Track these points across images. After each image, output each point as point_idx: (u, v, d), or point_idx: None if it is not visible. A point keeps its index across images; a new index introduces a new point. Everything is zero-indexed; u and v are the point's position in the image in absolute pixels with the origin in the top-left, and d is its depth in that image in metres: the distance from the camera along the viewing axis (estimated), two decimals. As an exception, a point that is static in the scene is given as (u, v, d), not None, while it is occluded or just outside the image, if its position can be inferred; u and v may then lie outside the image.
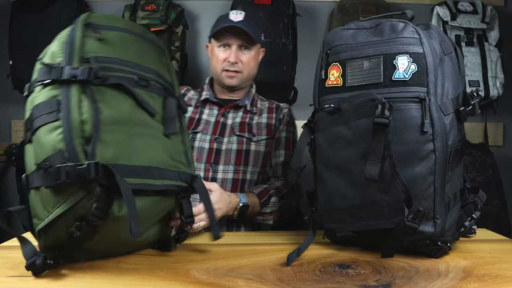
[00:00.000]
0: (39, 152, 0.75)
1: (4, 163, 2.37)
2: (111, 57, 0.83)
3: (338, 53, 0.94)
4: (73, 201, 0.73)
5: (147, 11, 2.11)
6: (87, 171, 0.71)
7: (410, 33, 0.87)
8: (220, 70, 1.43)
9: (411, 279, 0.78)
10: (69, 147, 0.73)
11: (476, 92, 0.91)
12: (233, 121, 1.43)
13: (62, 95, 0.76)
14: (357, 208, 0.90)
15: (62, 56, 0.79)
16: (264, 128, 1.44)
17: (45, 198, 0.75)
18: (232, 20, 1.39)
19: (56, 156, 0.73)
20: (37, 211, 0.76)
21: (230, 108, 1.46)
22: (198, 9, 2.43)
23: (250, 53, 1.43)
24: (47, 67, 0.78)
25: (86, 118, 0.75)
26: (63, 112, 0.74)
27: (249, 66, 1.44)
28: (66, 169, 0.71)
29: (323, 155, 0.97)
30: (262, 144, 1.42)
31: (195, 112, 1.45)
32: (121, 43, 0.87)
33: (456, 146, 0.87)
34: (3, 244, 0.97)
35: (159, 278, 0.77)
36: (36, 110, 0.77)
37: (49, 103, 0.76)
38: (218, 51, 1.43)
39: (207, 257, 0.90)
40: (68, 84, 0.76)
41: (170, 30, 2.13)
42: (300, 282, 0.76)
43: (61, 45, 0.80)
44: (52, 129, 0.74)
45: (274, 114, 1.48)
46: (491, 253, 0.95)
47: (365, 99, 0.87)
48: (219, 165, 1.36)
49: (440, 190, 0.85)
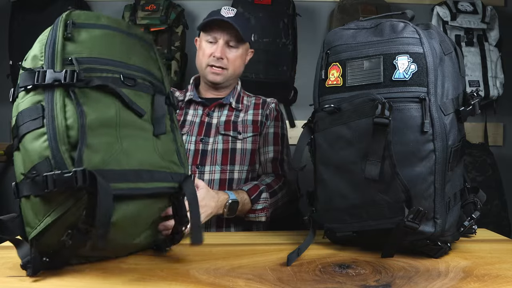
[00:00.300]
0: (26, 160, 0.74)
1: (4, 163, 2.38)
2: (94, 57, 0.81)
3: (338, 53, 0.94)
4: (63, 209, 0.72)
5: (147, 11, 2.11)
6: (74, 179, 0.69)
7: (410, 33, 0.87)
8: (205, 64, 1.41)
9: (411, 279, 0.78)
10: (55, 154, 0.71)
11: (476, 92, 0.91)
12: (218, 120, 1.41)
13: (45, 100, 0.74)
14: (357, 208, 0.90)
15: (44, 60, 0.77)
16: (250, 125, 1.42)
17: (36, 207, 0.74)
18: (223, 15, 1.37)
19: (42, 164, 0.72)
20: (29, 219, 0.75)
21: (214, 107, 1.43)
22: (198, 9, 2.43)
23: (237, 51, 1.41)
24: (29, 72, 0.76)
25: (71, 123, 0.73)
26: (47, 118, 0.73)
27: (235, 64, 1.42)
28: (53, 177, 0.70)
29: (323, 155, 0.97)
30: (249, 142, 1.39)
31: (180, 114, 1.42)
32: (105, 42, 0.84)
33: (456, 146, 0.87)
34: (3, 244, 0.96)
35: (159, 278, 0.77)
36: (21, 117, 0.75)
37: (33, 109, 0.75)
38: (205, 45, 1.41)
39: (207, 257, 0.90)
40: (51, 88, 0.75)
41: (170, 30, 2.13)
42: (300, 282, 0.76)
43: (42, 47, 0.78)
44: (37, 136, 0.73)
45: (260, 110, 1.46)
46: (491, 253, 0.95)
47: (365, 99, 0.87)
48: (205, 166, 1.33)
49: (440, 190, 0.85)
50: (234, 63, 1.41)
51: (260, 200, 1.27)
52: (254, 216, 1.27)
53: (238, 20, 1.38)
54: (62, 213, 0.72)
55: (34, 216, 0.74)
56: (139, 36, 0.92)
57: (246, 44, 1.44)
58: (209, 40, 1.40)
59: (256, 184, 1.29)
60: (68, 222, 0.73)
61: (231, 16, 1.37)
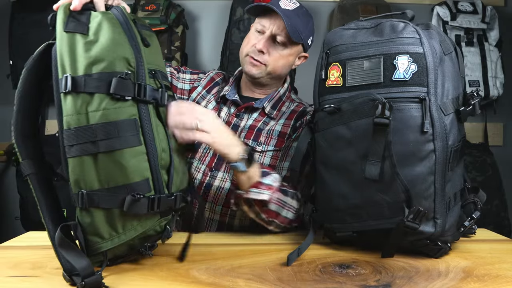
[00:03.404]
0: (114, 174, 0.72)
1: (4, 163, 2.38)
2: (156, 69, 0.80)
3: (338, 53, 0.94)
4: (149, 224, 0.76)
5: (147, 11, 2.12)
6: (174, 202, 0.78)
7: (410, 33, 0.87)
8: (245, 53, 1.24)
9: (411, 279, 0.78)
10: (158, 178, 0.75)
11: (476, 92, 0.91)
12: (245, 123, 1.25)
13: (143, 117, 0.74)
14: (357, 208, 0.90)
15: (135, 68, 0.74)
16: (276, 137, 1.22)
17: (114, 218, 0.74)
18: (280, 5, 1.19)
19: (143, 185, 0.74)
20: (100, 230, 0.74)
21: (244, 108, 1.27)
22: (198, 9, 2.43)
23: (283, 50, 1.22)
24: (126, 81, 0.72)
25: (165, 146, 0.77)
26: (147, 137, 0.74)
27: (277, 63, 1.23)
28: (159, 200, 0.75)
29: (323, 155, 0.97)
30: (268, 156, 1.20)
31: (216, 108, 1.29)
32: (155, 47, 0.83)
33: (456, 146, 0.87)
34: (3, 244, 0.96)
35: (159, 278, 0.77)
36: (118, 127, 0.72)
37: (130, 123, 0.73)
38: (253, 34, 1.25)
39: (207, 257, 0.90)
40: (145, 104, 0.74)
41: (170, 30, 2.14)
42: (300, 282, 0.76)
43: (131, 51, 0.74)
44: (137, 154, 0.73)
45: (292, 120, 1.24)
46: (491, 253, 0.95)
47: (365, 99, 0.87)
48: (219, 172, 1.20)
49: (440, 190, 0.85)
50: (276, 62, 1.23)
51: (269, 177, 1.02)
52: (257, 191, 0.99)
53: (295, 16, 1.19)
54: (147, 228, 0.76)
55: (109, 227, 0.74)
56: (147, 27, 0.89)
57: (298, 46, 1.24)
58: (257, 28, 1.23)
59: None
60: (145, 235, 0.78)
61: (288, 9, 1.18)
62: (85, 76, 0.70)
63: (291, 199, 1.07)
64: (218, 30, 2.41)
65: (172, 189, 0.78)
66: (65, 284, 0.73)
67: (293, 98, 1.33)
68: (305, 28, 1.22)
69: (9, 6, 2.17)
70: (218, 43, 2.32)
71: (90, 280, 0.69)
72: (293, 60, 1.27)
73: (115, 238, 0.74)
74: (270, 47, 1.21)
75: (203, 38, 2.46)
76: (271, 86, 1.30)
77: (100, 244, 0.74)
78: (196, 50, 2.46)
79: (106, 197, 0.72)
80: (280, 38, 1.20)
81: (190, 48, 2.37)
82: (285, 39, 1.20)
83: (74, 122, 0.70)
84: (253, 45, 1.22)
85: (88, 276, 0.69)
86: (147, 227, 0.76)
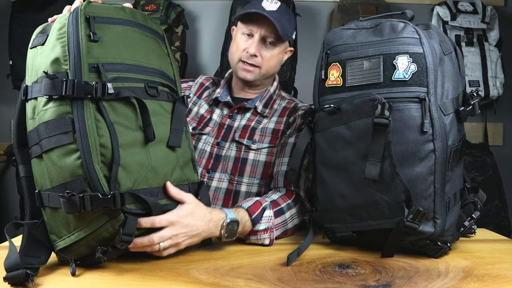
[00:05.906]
0: (54, 174, 0.73)
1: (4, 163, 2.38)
2: (119, 63, 0.78)
3: (338, 53, 0.94)
4: (96, 225, 0.73)
5: (147, 11, 2.12)
6: (113, 201, 0.71)
7: (410, 33, 0.87)
8: (237, 59, 1.26)
9: (411, 279, 0.78)
10: (91, 175, 0.71)
11: (476, 92, 0.91)
12: (239, 124, 1.27)
13: (75, 114, 0.72)
14: (357, 208, 0.90)
15: (69, 65, 0.73)
16: (269, 134, 1.25)
17: (65, 220, 0.74)
18: (264, 7, 1.21)
19: (76, 183, 0.71)
20: (56, 229, 0.76)
21: (237, 109, 1.30)
22: (198, 9, 2.43)
23: (274, 50, 1.25)
24: (54, 80, 0.72)
25: (105, 142, 0.72)
26: (80, 134, 0.71)
27: (269, 63, 1.27)
28: (91, 198, 0.70)
29: (323, 155, 0.97)
30: (263, 153, 1.23)
31: (208, 111, 1.31)
32: (127, 42, 0.80)
33: (456, 146, 0.87)
34: (3, 244, 0.96)
35: (159, 278, 0.77)
36: (47, 127, 0.73)
37: (61, 122, 0.72)
38: (240, 38, 1.26)
39: (207, 257, 0.90)
40: (81, 100, 0.72)
41: (170, 30, 2.14)
42: (300, 282, 0.76)
43: (65, 50, 0.74)
44: (69, 152, 0.72)
45: (285, 117, 1.28)
46: (491, 253, 0.95)
47: (365, 99, 0.87)
48: (216, 173, 1.23)
49: (440, 190, 0.85)
50: (269, 62, 1.26)
51: (263, 220, 1.02)
52: (255, 238, 1.01)
53: (280, 15, 1.22)
54: (96, 229, 0.73)
55: (63, 227, 0.75)
56: (154, 30, 0.90)
57: (285, 43, 1.28)
58: (245, 32, 1.25)
59: (258, 200, 1.05)
60: (100, 237, 0.74)
61: (272, 10, 1.21)
62: (33, 83, 0.77)
63: (289, 211, 1.09)
64: (218, 30, 2.41)
65: (121, 187, 0.73)
66: (65, 285, 0.74)
67: (283, 96, 1.37)
68: (289, 25, 1.27)
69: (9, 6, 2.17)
70: (218, 43, 2.32)
71: (11, 275, 0.70)
72: (282, 56, 1.32)
73: (67, 238, 0.75)
74: (261, 49, 1.25)
75: (203, 38, 2.46)
76: (264, 86, 1.34)
77: (57, 243, 0.76)
78: (196, 50, 2.46)
79: (52, 196, 0.74)
80: (269, 39, 1.24)
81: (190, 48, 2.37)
82: (274, 40, 1.24)
83: (29, 126, 0.77)
84: (244, 50, 1.24)
85: (11, 270, 0.71)
86: (95, 228, 0.73)
